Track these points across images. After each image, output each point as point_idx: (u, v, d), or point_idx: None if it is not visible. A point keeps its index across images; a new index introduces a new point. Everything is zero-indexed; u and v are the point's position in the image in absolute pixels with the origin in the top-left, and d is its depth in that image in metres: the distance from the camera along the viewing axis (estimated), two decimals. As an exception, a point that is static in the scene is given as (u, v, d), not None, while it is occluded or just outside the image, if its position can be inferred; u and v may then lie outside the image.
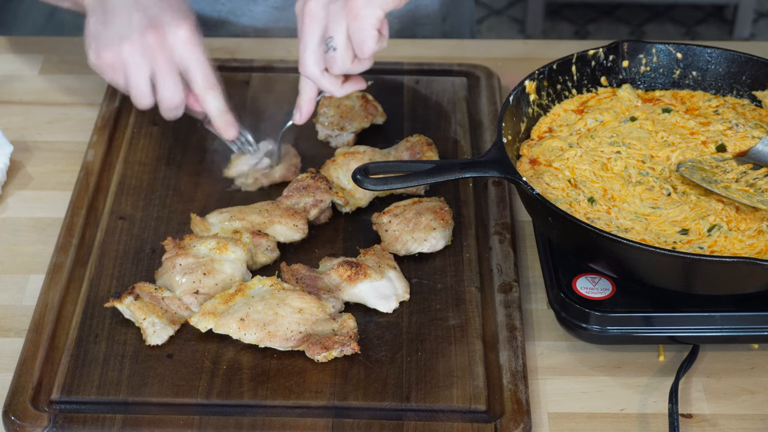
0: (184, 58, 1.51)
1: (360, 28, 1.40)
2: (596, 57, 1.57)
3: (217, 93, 1.54)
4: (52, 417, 1.29)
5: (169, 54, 1.50)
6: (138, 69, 1.50)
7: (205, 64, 1.52)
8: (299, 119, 1.53)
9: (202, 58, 1.51)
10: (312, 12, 1.42)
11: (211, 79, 1.53)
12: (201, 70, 1.52)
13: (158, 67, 1.50)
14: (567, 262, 1.41)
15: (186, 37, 1.50)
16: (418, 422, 1.29)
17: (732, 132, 1.50)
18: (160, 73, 1.50)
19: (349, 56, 1.43)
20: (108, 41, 1.51)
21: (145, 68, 1.50)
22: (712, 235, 1.36)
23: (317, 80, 1.47)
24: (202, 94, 1.53)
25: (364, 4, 1.40)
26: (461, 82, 1.80)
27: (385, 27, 1.42)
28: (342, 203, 1.55)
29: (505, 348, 1.37)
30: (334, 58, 1.43)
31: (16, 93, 1.81)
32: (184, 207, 1.57)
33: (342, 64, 1.44)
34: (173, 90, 1.51)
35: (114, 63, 1.51)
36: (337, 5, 1.41)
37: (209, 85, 1.53)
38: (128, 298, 1.38)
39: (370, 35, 1.41)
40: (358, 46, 1.42)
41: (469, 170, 1.38)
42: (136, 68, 1.50)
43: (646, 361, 1.39)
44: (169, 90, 1.51)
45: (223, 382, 1.33)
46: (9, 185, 1.63)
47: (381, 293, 1.42)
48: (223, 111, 1.55)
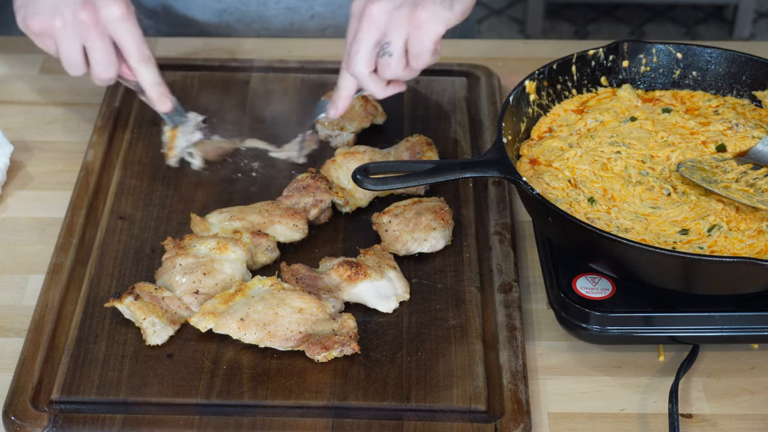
0: (119, 33, 1.52)
1: (420, 40, 1.42)
2: (596, 57, 1.57)
3: (151, 65, 1.56)
4: (52, 417, 1.29)
5: (102, 30, 1.51)
6: (69, 43, 1.52)
7: (138, 37, 1.53)
8: (334, 114, 1.54)
9: (136, 32, 1.53)
10: (373, 15, 1.43)
11: (145, 52, 1.55)
12: (134, 43, 1.53)
13: (90, 42, 1.52)
14: (567, 262, 1.41)
15: (120, 14, 1.51)
16: (418, 422, 1.29)
17: (732, 132, 1.50)
18: (93, 47, 1.52)
19: (402, 64, 1.45)
20: (38, 10, 1.52)
21: (77, 42, 1.52)
22: (712, 235, 1.36)
23: (364, 80, 1.48)
24: (137, 66, 1.55)
25: (429, 17, 1.42)
26: (461, 82, 1.80)
27: (439, 43, 1.45)
28: (342, 203, 1.55)
29: (505, 348, 1.37)
30: (389, 63, 1.44)
31: (16, 93, 1.81)
32: (184, 207, 1.57)
33: (395, 70, 1.45)
34: (108, 64, 1.53)
35: (42, 32, 1.53)
36: (401, 13, 1.42)
37: (143, 57, 1.55)
38: (128, 298, 1.38)
39: (428, 48, 1.43)
40: (414, 57, 1.44)
41: (469, 170, 1.38)
42: (68, 42, 1.52)
43: (646, 361, 1.39)
44: (102, 64, 1.53)
45: (223, 382, 1.33)
46: (9, 185, 1.63)
47: (381, 293, 1.42)
48: (158, 83, 1.57)
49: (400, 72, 1.46)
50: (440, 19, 1.43)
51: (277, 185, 1.60)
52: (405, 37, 1.43)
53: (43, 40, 1.54)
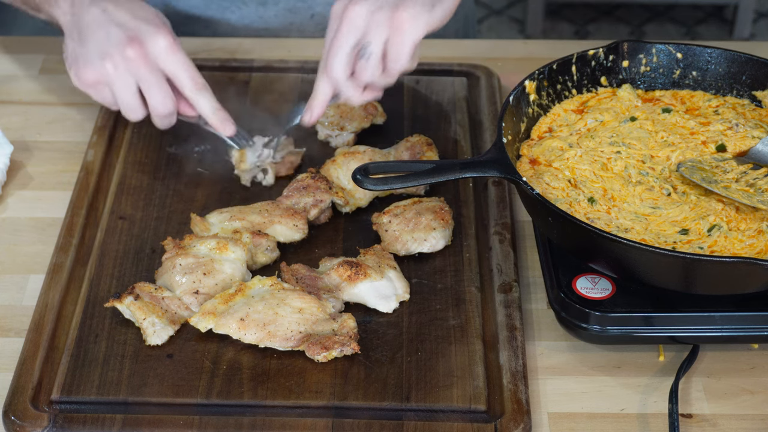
0: (169, 65, 1.51)
1: (400, 42, 1.41)
2: (596, 57, 1.57)
3: (207, 93, 1.54)
4: (52, 417, 1.29)
5: (152, 64, 1.50)
6: (124, 84, 1.50)
7: (190, 67, 1.52)
8: (308, 120, 1.53)
9: (187, 62, 1.52)
10: (354, 16, 1.42)
11: (199, 80, 1.53)
12: (187, 73, 1.52)
13: (144, 78, 1.50)
14: (567, 262, 1.41)
15: (167, 45, 1.50)
16: (418, 422, 1.29)
17: (732, 132, 1.50)
18: (147, 83, 1.51)
19: (381, 67, 1.44)
20: (87, 60, 1.51)
21: (131, 82, 1.51)
22: (712, 235, 1.36)
23: (341, 84, 1.46)
24: (193, 96, 1.53)
25: (410, 18, 1.41)
26: (461, 82, 1.80)
27: (418, 47, 1.44)
28: (342, 203, 1.55)
29: (505, 348, 1.37)
30: (366, 66, 1.43)
31: (16, 93, 1.81)
32: (184, 207, 1.57)
33: (373, 72, 1.44)
34: (164, 98, 1.52)
35: (97, 81, 1.51)
36: (382, 14, 1.41)
37: (198, 86, 1.53)
38: (128, 298, 1.38)
39: (407, 51, 1.42)
40: (393, 59, 1.43)
41: (469, 170, 1.38)
42: (122, 83, 1.50)
43: (646, 361, 1.39)
44: (159, 99, 1.52)
45: (223, 382, 1.33)
46: (9, 185, 1.63)
47: (381, 293, 1.42)
48: (217, 109, 1.56)
49: (377, 76, 1.45)
50: (421, 21, 1.42)
51: (277, 185, 1.60)
52: (385, 38, 1.42)
53: (99, 91, 1.53)
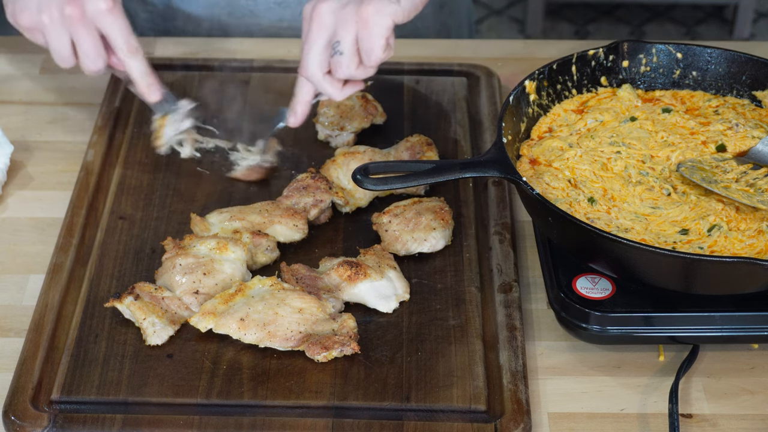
0: (106, 26, 1.54)
1: (369, 35, 1.42)
2: (596, 57, 1.57)
3: (139, 56, 1.57)
4: (52, 417, 1.29)
5: (88, 23, 1.53)
6: (57, 36, 1.54)
7: (125, 29, 1.55)
8: (294, 122, 1.54)
9: (123, 24, 1.55)
10: (321, 15, 1.43)
11: (133, 43, 1.56)
12: (122, 35, 1.55)
13: (78, 36, 1.54)
14: (567, 262, 1.41)
15: (105, 7, 1.53)
16: (418, 422, 1.29)
17: (732, 132, 1.50)
18: (80, 39, 1.54)
19: (355, 62, 1.44)
20: (25, 6, 1.54)
21: (65, 36, 1.54)
22: (712, 235, 1.36)
23: (318, 82, 1.47)
24: (125, 58, 1.57)
25: (374, 11, 1.41)
26: (461, 82, 1.80)
27: (391, 37, 1.44)
28: (342, 203, 1.55)
29: (505, 348, 1.37)
30: (340, 62, 1.44)
31: (16, 93, 1.81)
32: (184, 207, 1.57)
33: (347, 68, 1.44)
34: (94, 56, 1.55)
35: (31, 27, 1.55)
36: (347, 11, 1.42)
37: (131, 49, 1.56)
38: (128, 298, 1.38)
39: (378, 43, 1.42)
40: (366, 53, 1.43)
41: (469, 170, 1.38)
42: (56, 35, 1.54)
43: (646, 361, 1.39)
44: (89, 57, 1.55)
45: (223, 382, 1.33)
46: (9, 185, 1.63)
47: (381, 293, 1.42)
48: (146, 73, 1.59)
49: (353, 70, 1.45)
50: (386, 13, 1.42)
51: (277, 185, 1.60)
52: (354, 34, 1.43)
53: (32, 34, 1.57)
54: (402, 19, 1.44)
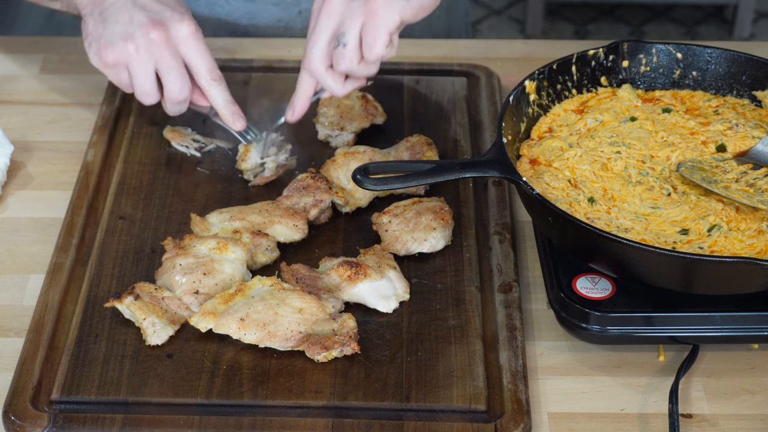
0: (189, 52, 1.53)
1: (375, 27, 1.42)
2: (596, 57, 1.57)
3: (222, 85, 1.57)
4: (52, 417, 1.29)
5: (173, 49, 1.52)
6: (143, 65, 1.52)
7: (209, 57, 1.54)
8: (291, 117, 1.54)
9: (207, 52, 1.54)
10: (330, 8, 1.43)
11: (216, 71, 1.55)
12: (206, 62, 1.54)
13: (164, 63, 1.52)
14: (567, 262, 1.41)
15: (189, 32, 1.52)
16: (418, 422, 1.29)
17: (732, 132, 1.50)
18: (166, 67, 1.52)
19: (358, 55, 1.44)
20: (110, 41, 1.52)
21: (150, 65, 1.52)
22: (712, 235, 1.36)
23: (320, 76, 1.47)
24: (208, 86, 1.55)
25: (383, 4, 1.42)
26: (461, 82, 1.80)
27: (396, 35, 1.44)
28: (342, 203, 1.55)
29: (505, 348, 1.37)
30: (343, 54, 1.44)
31: (16, 93, 1.81)
32: (184, 207, 1.57)
33: (349, 61, 1.45)
34: (181, 83, 1.54)
35: (117, 62, 1.53)
36: (356, 3, 1.42)
37: (215, 77, 1.55)
38: (128, 298, 1.38)
39: (382, 36, 1.42)
40: (369, 46, 1.43)
41: (469, 170, 1.38)
42: (141, 65, 1.52)
43: (646, 361, 1.39)
44: (176, 84, 1.54)
45: (223, 382, 1.33)
46: (9, 185, 1.63)
47: (381, 293, 1.42)
48: (230, 102, 1.58)
49: (355, 64, 1.46)
50: (395, 8, 1.43)
51: (277, 185, 1.60)
52: (359, 26, 1.43)
53: (117, 72, 1.54)
54: (410, 17, 1.45)
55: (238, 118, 1.59)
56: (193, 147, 1.65)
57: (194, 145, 1.65)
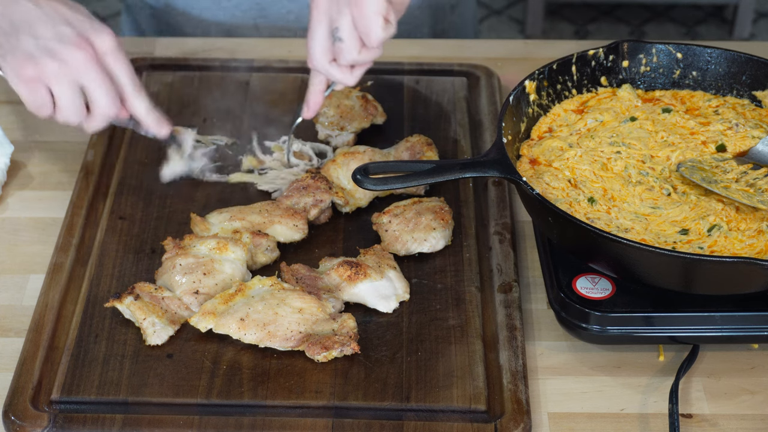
0: (114, 66, 1.46)
1: (364, 16, 1.41)
2: (596, 57, 1.57)
3: (143, 93, 1.50)
4: (52, 417, 1.29)
5: (101, 64, 1.45)
6: (68, 83, 1.43)
7: (130, 67, 1.48)
8: (307, 113, 1.53)
9: (128, 63, 1.48)
10: (318, 4, 1.43)
11: (137, 82, 1.49)
12: (128, 75, 1.47)
13: (92, 79, 1.44)
14: (567, 262, 1.41)
15: (113, 46, 1.45)
16: (418, 422, 1.29)
17: (732, 132, 1.50)
18: (94, 84, 1.44)
19: (357, 46, 1.44)
20: (29, 55, 1.43)
21: (76, 81, 1.44)
22: (712, 235, 1.36)
23: (326, 71, 1.47)
24: (132, 98, 1.48)
25: None
26: (461, 82, 1.80)
27: (391, 13, 1.43)
28: (342, 203, 1.55)
29: (505, 348, 1.37)
30: (342, 49, 1.44)
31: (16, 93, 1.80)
32: (184, 207, 1.57)
33: (349, 54, 1.44)
34: (113, 99, 1.46)
35: (37, 77, 1.43)
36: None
37: (137, 88, 1.49)
38: (128, 298, 1.38)
39: (375, 23, 1.41)
40: (365, 34, 1.42)
41: (469, 170, 1.38)
42: (66, 83, 1.43)
43: (646, 361, 1.39)
44: (107, 100, 1.46)
45: (223, 382, 1.33)
46: (9, 185, 1.63)
47: (381, 293, 1.42)
48: (151, 110, 1.51)
49: (356, 55, 1.45)
50: None
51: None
52: (350, 18, 1.42)
53: (33, 90, 1.44)
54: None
55: (162, 123, 1.51)
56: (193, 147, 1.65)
57: (194, 145, 1.65)
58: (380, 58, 1.57)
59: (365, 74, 1.76)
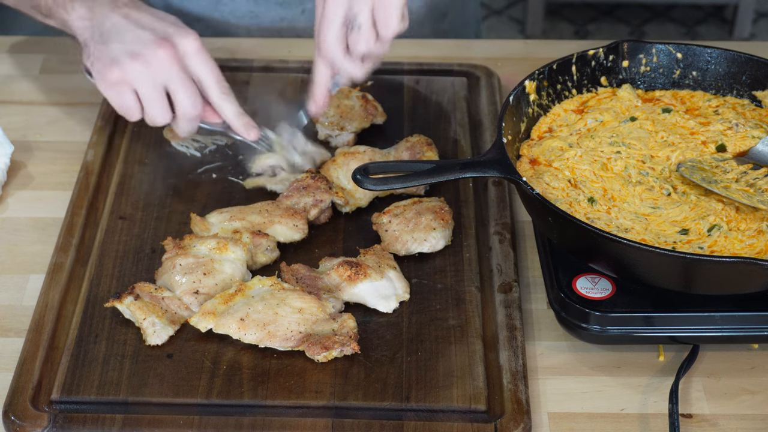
0: (198, 67, 1.50)
1: (385, 5, 1.42)
2: (596, 57, 1.57)
3: (232, 98, 1.53)
4: (52, 417, 1.29)
5: (182, 65, 1.49)
6: (152, 84, 1.48)
7: (217, 70, 1.51)
8: (315, 110, 1.53)
9: (214, 66, 1.51)
10: None
11: (225, 84, 1.52)
12: (215, 77, 1.51)
13: (173, 79, 1.48)
14: (567, 262, 1.41)
15: (197, 47, 1.49)
16: (418, 422, 1.29)
17: (732, 132, 1.50)
18: (176, 84, 1.49)
19: (373, 35, 1.45)
20: (114, 59, 1.48)
21: (159, 82, 1.49)
22: (712, 235, 1.36)
23: (339, 61, 1.47)
24: (219, 101, 1.52)
25: None
26: (461, 82, 1.80)
27: (405, 8, 1.44)
28: (342, 203, 1.55)
29: (505, 348, 1.37)
30: (359, 36, 1.44)
31: (16, 93, 1.81)
32: (184, 207, 1.57)
33: (366, 42, 1.45)
34: (194, 100, 1.50)
35: (121, 81, 1.49)
36: None
37: (224, 90, 1.52)
38: (128, 298, 1.38)
39: (395, 12, 1.43)
40: (383, 25, 1.43)
41: (469, 170, 1.38)
42: (150, 83, 1.48)
43: (646, 361, 1.39)
44: (189, 99, 1.50)
45: (223, 382, 1.33)
46: (9, 185, 1.63)
47: (381, 293, 1.42)
48: (240, 114, 1.54)
49: (372, 44, 1.46)
50: None
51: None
52: (371, 6, 1.43)
53: (120, 92, 1.50)
54: None
55: (251, 128, 1.55)
56: (193, 147, 1.65)
57: (194, 145, 1.65)
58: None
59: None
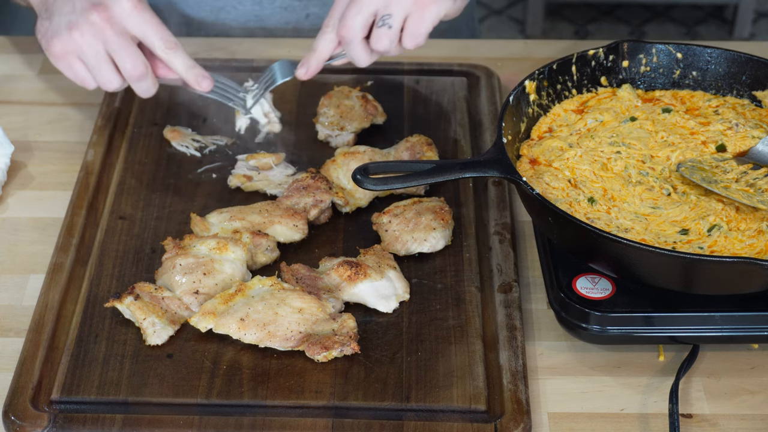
0: (136, 26, 1.48)
1: (421, 19, 1.44)
2: (596, 57, 1.57)
3: (180, 51, 1.51)
4: (52, 417, 1.29)
5: (119, 27, 1.47)
6: (93, 51, 1.48)
7: (159, 26, 1.49)
8: (305, 74, 1.53)
9: (155, 21, 1.48)
10: None
11: (170, 38, 1.50)
12: (157, 33, 1.49)
13: (111, 42, 1.47)
14: (567, 262, 1.41)
15: (130, 7, 1.47)
16: (418, 422, 1.29)
17: (732, 132, 1.50)
18: (114, 46, 1.47)
19: (397, 38, 1.46)
20: (55, 32, 1.48)
21: (100, 48, 1.47)
22: (712, 235, 1.36)
23: (356, 44, 1.48)
24: (165, 56, 1.50)
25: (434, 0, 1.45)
26: (461, 82, 1.80)
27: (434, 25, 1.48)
28: (342, 203, 1.55)
29: (505, 348, 1.37)
30: (385, 34, 1.46)
31: (16, 93, 1.81)
32: (184, 207, 1.57)
33: (390, 42, 1.47)
34: (134, 60, 1.48)
35: (66, 53, 1.49)
36: None
37: (170, 45, 1.50)
38: (128, 298, 1.38)
39: (426, 29, 1.46)
40: (411, 35, 1.46)
41: (469, 170, 1.38)
42: (91, 50, 1.48)
43: (646, 361, 1.39)
44: (128, 61, 1.48)
45: (223, 382, 1.34)
46: (9, 185, 1.63)
47: (381, 293, 1.42)
48: (191, 66, 1.52)
49: (394, 46, 1.47)
50: (443, 4, 1.45)
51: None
52: (406, 12, 1.45)
53: (70, 64, 1.50)
54: (452, 13, 1.49)
55: (203, 79, 1.53)
56: (193, 147, 1.65)
57: (194, 145, 1.65)
58: (380, 58, 1.58)
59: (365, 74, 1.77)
